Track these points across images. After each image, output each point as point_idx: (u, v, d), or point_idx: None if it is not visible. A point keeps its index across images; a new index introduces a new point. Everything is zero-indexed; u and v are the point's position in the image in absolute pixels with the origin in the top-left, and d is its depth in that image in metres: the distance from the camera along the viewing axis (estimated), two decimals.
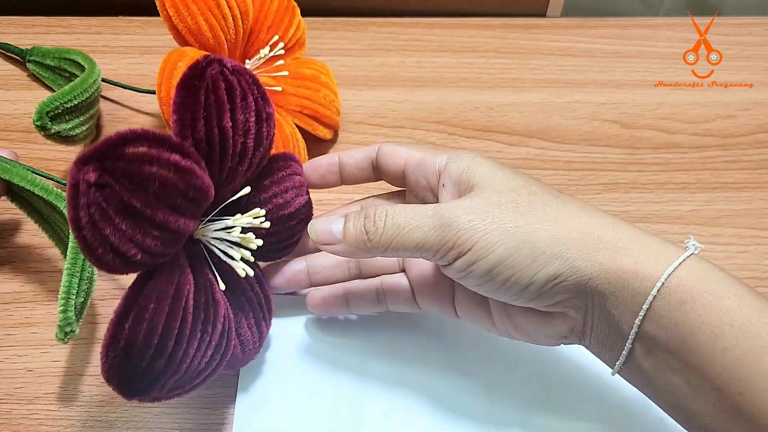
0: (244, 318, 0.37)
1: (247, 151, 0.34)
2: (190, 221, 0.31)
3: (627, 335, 0.31)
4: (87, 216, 0.27)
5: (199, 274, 0.33)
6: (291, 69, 0.47)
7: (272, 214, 0.37)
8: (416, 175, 0.37)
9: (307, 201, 0.40)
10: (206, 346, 0.32)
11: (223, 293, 0.34)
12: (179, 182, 0.30)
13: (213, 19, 0.42)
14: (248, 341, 0.37)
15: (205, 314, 0.32)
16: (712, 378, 0.28)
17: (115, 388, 0.30)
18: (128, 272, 0.30)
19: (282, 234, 0.38)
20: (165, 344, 0.30)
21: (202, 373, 0.33)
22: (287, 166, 0.39)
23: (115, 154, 0.28)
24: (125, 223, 0.28)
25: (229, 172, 0.34)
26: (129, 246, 0.28)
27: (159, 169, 0.29)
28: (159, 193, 0.29)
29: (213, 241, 0.35)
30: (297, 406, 0.39)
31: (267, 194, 0.37)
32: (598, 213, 0.33)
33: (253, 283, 0.37)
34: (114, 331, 0.29)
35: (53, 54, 0.52)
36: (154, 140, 0.29)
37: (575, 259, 0.31)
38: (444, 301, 0.37)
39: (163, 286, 0.31)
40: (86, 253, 0.28)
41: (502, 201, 0.32)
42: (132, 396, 0.30)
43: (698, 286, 0.29)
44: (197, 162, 0.31)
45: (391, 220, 0.32)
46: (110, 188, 0.27)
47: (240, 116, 0.34)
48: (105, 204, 0.27)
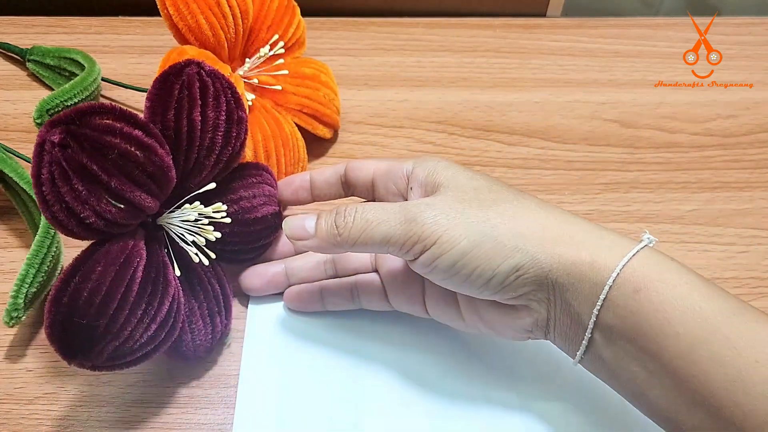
0: (198, 307, 0.38)
1: (215, 146, 0.37)
2: (148, 198, 0.33)
3: (587, 326, 0.32)
4: (48, 173, 0.30)
5: (155, 254, 0.35)
6: (291, 68, 0.47)
7: (237, 216, 0.39)
8: (385, 182, 0.38)
9: (276, 212, 0.41)
10: (150, 319, 0.34)
11: (177, 278, 0.36)
12: (139, 156, 0.32)
13: (213, 17, 0.42)
14: (199, 330, 0.38)
15: (153, 289, 0.34)
16: (666, 362, 0.30)
17: (56, 345, 0.32)
18: (85, 237, 0.32)
19: (246, 237, 0.40)
20: (107, 306, 0.32)
21: (144, 347, 0.34)
22: (259, 174, 0.41)
23: (82, 121, 0.31)
24: (82, 184, 0.31)
25: (196, 164, 0.36)
26: (83, 208, 0.31)
27: (120, 141, 0.31)
28: (118, 162, 0.31)
29: (174, 228, 0.37)
30: (297, 406, 0.39)
31: (234, 195, 0.40)
32: (557, 209, 0.34)
33: (210, 278, 0.39)
34: (60, 287, 0.32)
35: (53, 53, 0.52)
36: (120, 115, 0.32)
37: (535, 252, 0.32)
38: (414, 299, 0.39)
39: (114, 253, 0.33)
40: (44, 209, 0.31)
41: (465, 198, 0.34)
42: (73, 356, 0.32)
43: (651, 276, 0.30)
44: (160, 143, 0.34)
45: (361, 215, 0.34)
46: (72, 150, 0.30)
47: (211, 113, 0.36)
48: (65, 163, 0.30)
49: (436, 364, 0.40)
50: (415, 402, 0.39)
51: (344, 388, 0.39)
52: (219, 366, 0.40)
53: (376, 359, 0.40)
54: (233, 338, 0.41)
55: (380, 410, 0.39)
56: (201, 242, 0.37)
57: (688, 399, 0.29)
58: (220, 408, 0.39)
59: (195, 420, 0.38)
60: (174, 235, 0.37)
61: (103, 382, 0.39)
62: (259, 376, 0.40)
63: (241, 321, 0.42)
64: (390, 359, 0.40)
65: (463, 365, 0.40)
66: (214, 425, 0.38)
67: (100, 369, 0.33)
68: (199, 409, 0.39)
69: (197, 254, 0.37)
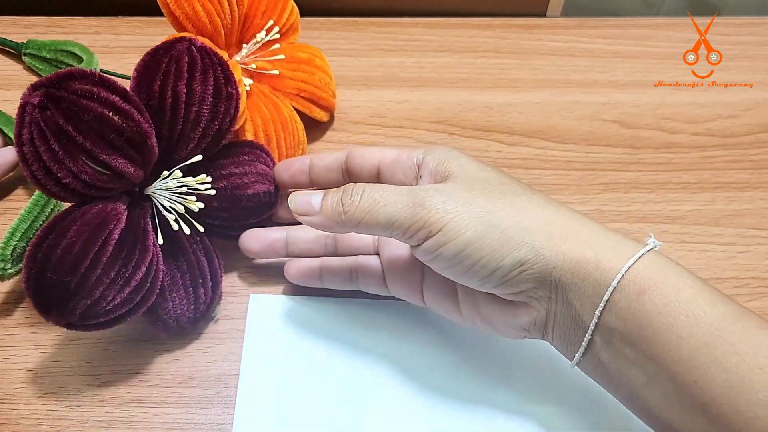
0: (180, 276, 0.39)
1: (200, 119, 0.38)
2: (128, 164, 0.35)
3: (587, 327, 0.32)
4: (28, 133, 0.32)
5: (136, 220, 0.37)
6: (286, 53, 0.48)
7: (227, 191, 0.40)
8: (393, 170, 0.38)
9: (270, 191, 0.42)
10: (124, 282, 0.35)
11: (159, 246, 0.37)
12: (115, 120, 0.34)
13: (209, 4, 0.42)
14: (180, 299, 0.39)
15: (129, 253, 0.35)
16: (668, 367, 0.29)
17: (32, 299, 0.34)
18: (65, 198, 0.34)
19: (235, 212, 0.41)
20: (79, 263, 0.33)
21: (118, 308, 0.35)
22: (253, 153, 0.42)
23: (61, 85, 0.32)
24: (58, 144, 0.32)
25: (181, 136, 0.38)
26: (59, 167, 0.33)
27: (96, 105, 0.33)
28: (93, 124, 0.33)
29: (158, 197, 0.38)
30: (297, 406, 0.39)
31: (225, 171, 0.40)
32: (564, 207, 0.34)
33: (197, 250, 0.40)
34: (37, 243, 0.34)
35: (49, 46, 0.53)
36: (99, 81, 0.34)
37: (541, 248, 0.32)
38: (412, 287, 0.38)
39: (92, 214, 0.35)
40: (24, 168, 0.33)
41: (474, 188, 0.33)
42: (47, 311, 0.34)
43: (655, 278, 0.30)
44: (139, 109, 0.35)
45: (368, 195, 0.33)
46: (50, 111, 0.32)
47: (197, 87, 0.37)
48: (43, 124, 0.32)
49: (437, 366, 0.40)
50: (416, 402, 0.39)
51: (344, 388, 0.39)
52: (219, 366, 0.40)
53: (377, 359, 0.40)
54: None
55: (381, 410, 0.39)
56: (180, 210, 0.38)
57: (688, 404, 0.29)
58: (220, 408, 0.39)
59: (195, 420, 0.38)
60: (158, 204, 0.38)
61: (103, 382, 0.39)
62: (259, 376, 0.40)
63: (241, 321, 0.42)
64: (391, 359, 0.40)
65: (465, 367, 0.40)
66: (214, 425, 0.38)
67: (75, 327, 0.35)
68: (199, 409, 0.39)
69: (177, 221, 0.38)
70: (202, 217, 0.39)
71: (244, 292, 0.43)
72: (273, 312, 0.42)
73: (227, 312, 0.42)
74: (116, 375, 0.39)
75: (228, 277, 0.44)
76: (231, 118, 0.39)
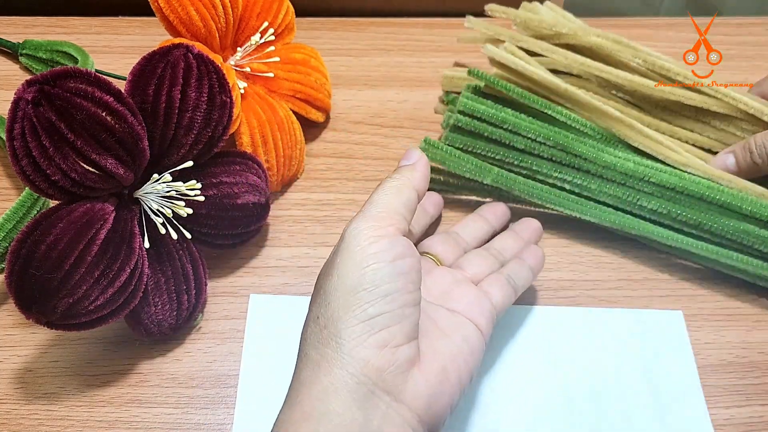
0: (164, 282, 0.39)
1: (193, 126, 0.38)
2: (118, 165, 0.35)
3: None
4: (20, 128, 0.32)
5: (124, 222, 0.36)
6: (281, 54, 0.48)
7: (216, 199, 0.40)
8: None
9: (260, 203, 0.42)
10: (108, 282, 0.35)
11: (145, 250, 0.37)
12: (108, 120, 0.34)
13: (203, 8, 0.42)
14: (164, 304, 0.39)
15: (114, 254, 0.35)
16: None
17: (13, 296, 0.34)
18: (53, 196, 0.34)
19: (223, 221, 0.41)
20: (63, 261, 0.33)
21: (100, 309, 0.35)
22: (245, 163, 0.42)
23: (56, 83, 0.33)
24: (49, 141, 0.33)
25: (173, 141, 0.38)
26: (49, 164, 0.33)
27: (90, 104, 0.33)
28: (85, 123, 0.33)
29: (147, 200, 0.38)
30: None
31: (215, 179, 0.40)
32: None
33: (183, 256, 0.40)
34: (21, 238, 0.33)
35: (45, 47, 0.53)
36: (94, 80, 0.34)
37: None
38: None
39: (78, 213, 0.35)
40: (14, 163, 0.33)
41: None
42: (28, 308, 0.34)
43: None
44: (132, 112, 0.35)
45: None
46: (43, 108, 0.32)
47: (192, 93, 0.37)
48: (35, 120, 0.32)
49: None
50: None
51: None
52: (219, 366, 0.40)
53: None
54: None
55: None
56: (168, 214, 0.38)
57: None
58: (220, 408, 0.39)
59: (195, 420, 0.38)
60: (146, 207, 0.38)
61: (103, 382, 0.39)
62: (259, 376, 0.40)
63: (241, 321, 0.42)
64: None
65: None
66: (214, 425, 0.38)
67: (55, 326, 0.35)
68: (199, 409, 0.39)
69: (164, 224, 0.38)
70: (190, 223, 0.39)
71: (244, 292, 0.43)
72: (273, 312, 0.42)
73: (227, 312, 0.42)
74: (116, 375, 0.40)
75: (228, 277, 0.44)
76: (224, 126, 0.40)
